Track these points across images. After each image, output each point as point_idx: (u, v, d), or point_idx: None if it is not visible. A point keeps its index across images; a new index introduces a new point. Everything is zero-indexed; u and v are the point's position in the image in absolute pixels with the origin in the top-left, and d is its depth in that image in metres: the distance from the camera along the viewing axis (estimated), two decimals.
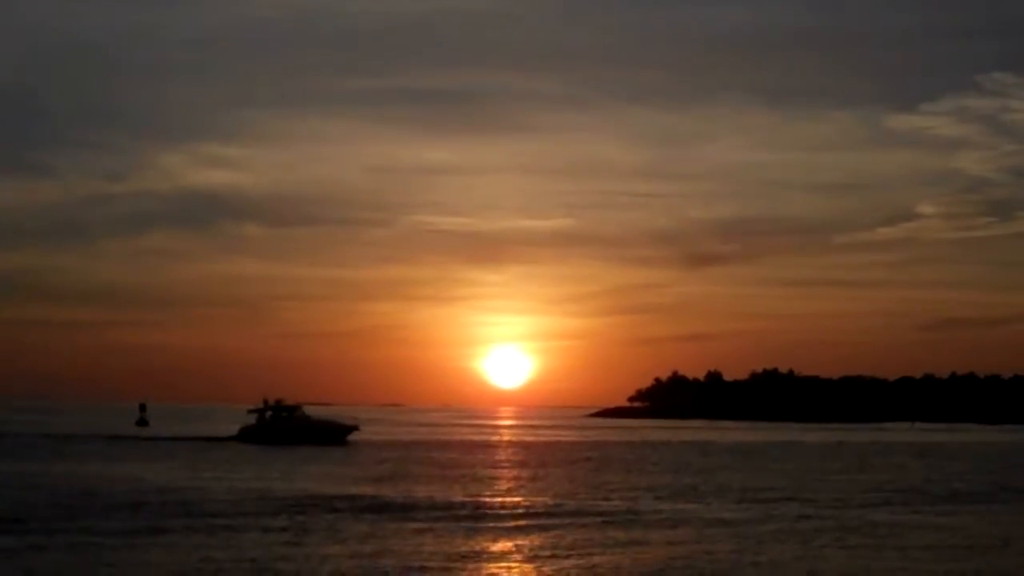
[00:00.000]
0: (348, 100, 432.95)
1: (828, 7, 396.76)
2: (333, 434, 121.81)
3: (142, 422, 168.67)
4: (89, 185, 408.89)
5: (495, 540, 42.48)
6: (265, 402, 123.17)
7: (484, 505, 55.85)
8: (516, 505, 56.29)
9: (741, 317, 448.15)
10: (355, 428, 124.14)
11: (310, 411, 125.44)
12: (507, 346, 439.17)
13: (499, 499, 59.33)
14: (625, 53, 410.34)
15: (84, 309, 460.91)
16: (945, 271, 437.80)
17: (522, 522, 48.51)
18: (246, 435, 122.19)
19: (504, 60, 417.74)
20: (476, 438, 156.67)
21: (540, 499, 59.13)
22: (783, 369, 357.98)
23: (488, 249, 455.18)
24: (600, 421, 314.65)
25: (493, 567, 36.60)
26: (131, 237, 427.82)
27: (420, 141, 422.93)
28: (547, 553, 39.16)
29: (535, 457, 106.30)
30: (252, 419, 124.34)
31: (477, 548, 40.23)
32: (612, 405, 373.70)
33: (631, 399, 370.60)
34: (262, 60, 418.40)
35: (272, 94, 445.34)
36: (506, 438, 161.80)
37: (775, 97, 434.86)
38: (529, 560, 37.99)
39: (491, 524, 47.82)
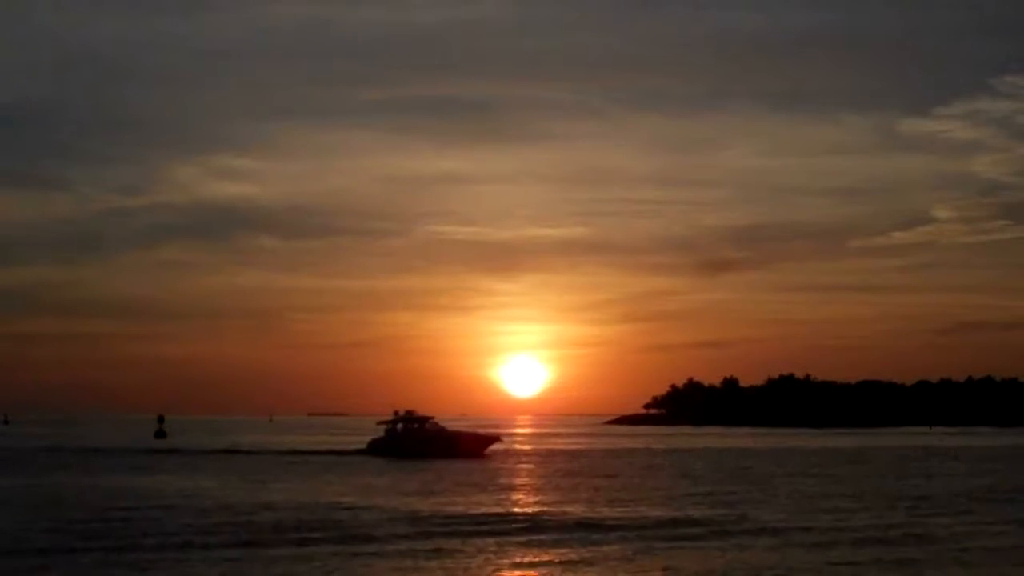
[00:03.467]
0: (362, 111, 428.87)
1: (840, 11, 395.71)
2: (471, 446, 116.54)
3: (160, 434, 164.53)
4: (104, 198, 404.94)
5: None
6: (395, 413, 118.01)
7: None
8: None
9: (757, 323, 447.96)
10: (497, 439, 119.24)
11: (443, 422, 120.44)
12: (523, 355, 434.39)
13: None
14: (636, 60, 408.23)
15: (99, 322, 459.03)
16: (961, 275, 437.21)
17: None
18: (376, 448, 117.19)
19: (516, 69, 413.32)
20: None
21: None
22: (799, 375, 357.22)
23: (503, 258, 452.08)
24: (622, 428, 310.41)
25: None
26: (146, 250, 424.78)
27: (434, 151, 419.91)
28: None
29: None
30: (381, 431, 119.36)
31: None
32: (628, 412, 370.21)
33: (647, 406, 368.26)
34: (276, 71, 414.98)
35: (286, 105, 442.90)
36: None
37: (788, 102, 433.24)
38: None
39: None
